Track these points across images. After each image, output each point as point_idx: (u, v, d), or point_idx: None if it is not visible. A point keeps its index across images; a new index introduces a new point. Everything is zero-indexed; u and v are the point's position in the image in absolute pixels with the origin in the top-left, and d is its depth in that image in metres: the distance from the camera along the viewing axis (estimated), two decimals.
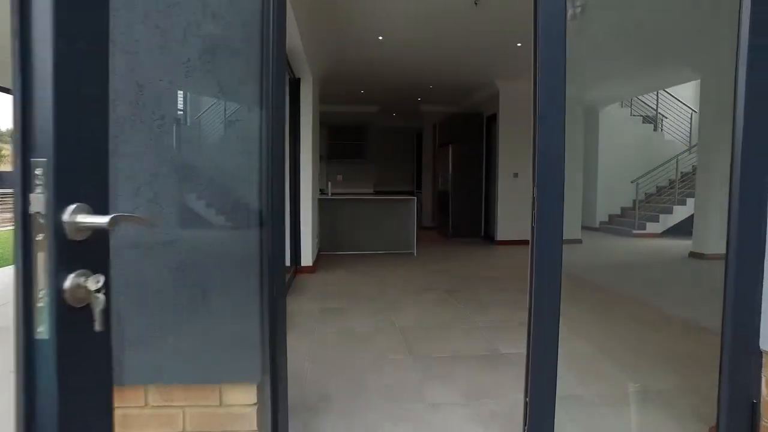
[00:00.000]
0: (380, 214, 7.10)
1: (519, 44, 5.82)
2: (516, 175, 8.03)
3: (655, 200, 9.98)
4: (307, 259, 5.59)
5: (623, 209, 10.44)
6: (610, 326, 3.62)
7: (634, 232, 9.17)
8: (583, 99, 8.18)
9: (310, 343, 3.16)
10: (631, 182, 9.62)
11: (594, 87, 8.09)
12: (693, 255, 6.76)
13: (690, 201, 9.16)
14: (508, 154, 7.99)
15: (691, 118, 10.66)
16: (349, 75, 7.55)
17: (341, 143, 10.14)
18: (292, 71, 5.13)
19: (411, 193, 12.78)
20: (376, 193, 12.01)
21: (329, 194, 7.05)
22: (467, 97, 9.35)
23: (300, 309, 4.03)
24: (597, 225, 10.26)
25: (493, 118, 8.36)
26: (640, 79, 7.67)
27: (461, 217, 8.87)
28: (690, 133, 10.63)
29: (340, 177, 10.54)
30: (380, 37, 5.63)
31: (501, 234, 8.04)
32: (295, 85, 5.40)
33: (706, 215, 6.42)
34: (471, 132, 8.82)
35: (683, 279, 5.54)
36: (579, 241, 8.22)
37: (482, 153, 8.86)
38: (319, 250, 6.84)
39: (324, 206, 7.00)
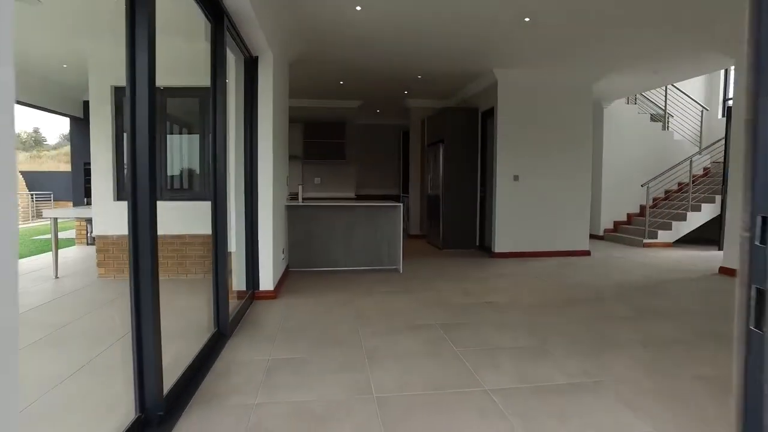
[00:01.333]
0: (361, 223, 6.04)
1: (527, 19, 4.80)
2: (516, 177, 7.02)
3: (665, 205, 9.06)
4: (267, 281, 4.49)
5: (629, 215, 9.51)
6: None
7: (645, 241, 8.24)
8: (590, 88, 7.21)
9: None
10: (642, 186, 8.68)
11: (608, 75, 7.12)
12: (724, 271, 5.81)
13: (706, 207, 8.26)
14: (508, 154, 6.98)
15: (701, 116, 9.78)
16: (325, 60, 6.47)
17: (319, 142, 9.06)
18: (244, 47, 4.04)
19: (397, 198, 11.76)
20: (359, 197, 10.94)
21: (300, 200, 5.96)
22: (460, 89, 8.33)
23: (242, 359, 2.94)
24: (601, 233, 9.31)
25: (489, 113, 7.35)
26: (672, 66, 6.71)
27: (453, 225, 7.84)
28: (701, 132, 9.75)
29: (317, 180, 9.46)
30: (358, 7, 4.57)
31: (499, 245, 7.03)
32: (251, 65, 4.31)
33: None
34: (464, 129, 7.81)
35: (726, 301, 4.57)
36: (587, 253, 7.24)
37: (477, 153, 7.84)
38: (288, 267, 5.74)
39: (294, 215, 5.92)
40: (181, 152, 5.46)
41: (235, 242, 4.36)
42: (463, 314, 3.97)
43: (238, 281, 4.43)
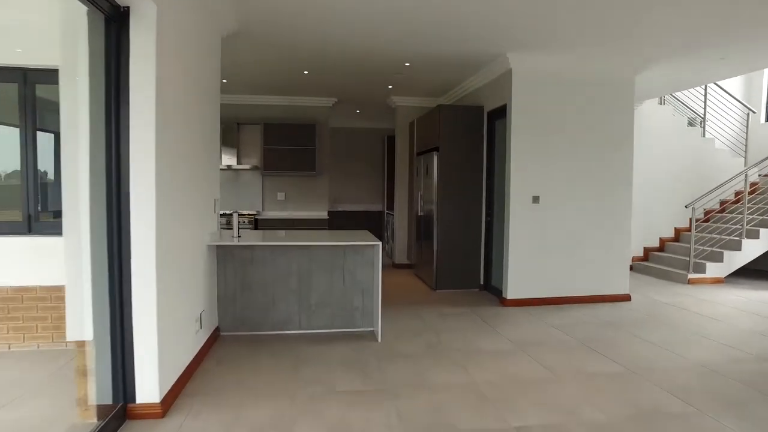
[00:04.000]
0: (324, 267, 4.23)
1: None
2: (536, 199, 5.26)
3: (706, 229, 7.36)
4: (148, 386, 2.64)
5: (662, 240, 7.81)
6: None
7: (690, 276, 6.53)
8: (633, 81, 5.50)
9: None
10: (686, 206, 6.97)
11: (656, 63, 5.40)
12: None
13: (764, 232, 6.58)
14: (525, 168, 5.23)
15: (747, 121, 8.13)
16: (280, 39, 4.67)
17: (283, 149, 7.23)
18: None
19: (380, 215, 9.97)
20: (333, 215, 9.13)
21: (235, 234, 4.13)
22: (460, 82, 6.56)
23: None
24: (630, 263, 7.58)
25: (499, 113, 5.60)
26: (747, 50, 4.99)
27: (451, 257, 6.06)
28: (746, 139, 8.10)
29: (281, 195, 7.61)
30: None
31: (513, 289, 5.25)
32: (118, 22, 2.48)
33: None
34: (465, 133, 6.04)
35: None
36: (627, 298, 5.50)
37: (482, 165, 6.08)
38: (218, 330, 3.90)
39: (226, 257, 4.09)
40: None
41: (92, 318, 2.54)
42: None
43: (99, 387, 2.59)
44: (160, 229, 2.60)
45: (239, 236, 4.15)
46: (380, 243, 3.99)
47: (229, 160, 7.24)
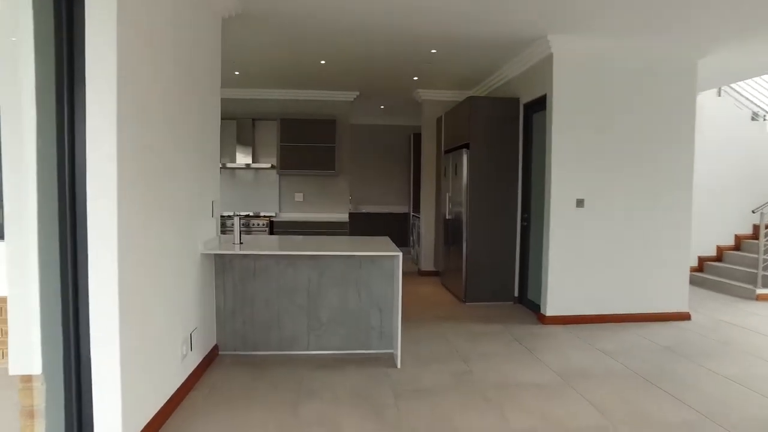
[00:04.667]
0: (336, 280, 3.71)
1: None
2: (581, 202, 4.61)
3: None
4: (110, 427, 2.15)
5: (720, 249, 6.98)
6: None
7: (759, 292, 5.71)
8: (695, 67, 4.78)
9: None
10: (753, 212, 6.15)
11: (725, 45, 4.66)
12: None
13: None
14: (568, 167, 4.58)
15: None
16: (291, 20, 4.17)
17: (300, 147, 6.75)
18: None
19: (405, 217, 9.40)
20: (355, 216, 8.64)
21: (237, 242, 3.64)
22: (493, 71, 5.94)
23: None
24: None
25: (537, 105, 4.96)
26: None
27: (482, 266, 5.45)
28: None
29: (299, 196, 7.14)
30: None
31: (554, 304, 4.60)
32: None
33: None
34: (498, 128, 5.42)
35: None
36: (686, 317, 4.78)
37: (518, 163, 5.44)
38: (215, 349, 3.42)
39: (226, 267, 3.62)
40: None
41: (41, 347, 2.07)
42: None
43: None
44: (125, 237, 2.11)
45: (241, 243, 3.67)
46: (400, 254, 3.43)
47: (243, 158, 6.81)
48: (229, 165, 6.71)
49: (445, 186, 6.34)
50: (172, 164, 2.69)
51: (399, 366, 3.44)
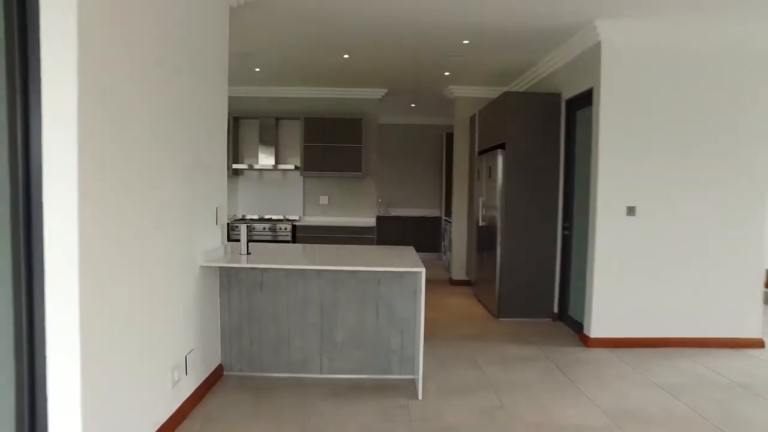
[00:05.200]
0: (352, 297, 3.33)
1: None
2: (632, 210, 4.06)
3: None
4: None
5: None
6: None
7: None
8: None
9: None
10: None
11: None
12: None
13: None
14: (617, 171, 4.04)
15: None
16: (311, 8, 3.83)
17: (325, 147, 6.42)
18: None
19: (436, 223, 8.95)
20: (383, 220, 8.27)
21: (243, 251, 3.32)
22: (531, 64, 5.43)
23: None
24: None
25: (581, 101, 4.44)
26: None
27: (517, 278, 4.95)
28: None
29: (324, 199, 6.82)
30: None
31: (599, 323, 4.07)
32: None
33: None
34: (537, 127, 4.92)
35: None
36: (760, 344, 4.15)
37: (558, 165, 4.92)
38: (220, 369, 3.10)
39: (231, 281, 3.30)
40: None
41: None
42: None
43: None
44: (88, 253, 1.78)
45: (249, 253, 3.34)
46: (423, 270, 3.01)
47: (266, 159, 6.53)
48: (251, 166, 6.45)
49: (479, 190, 5.86)
50: (159, 167, 2.36)
51: (420, 396, 3.02)
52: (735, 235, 4.11)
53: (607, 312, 4.07)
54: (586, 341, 4.12)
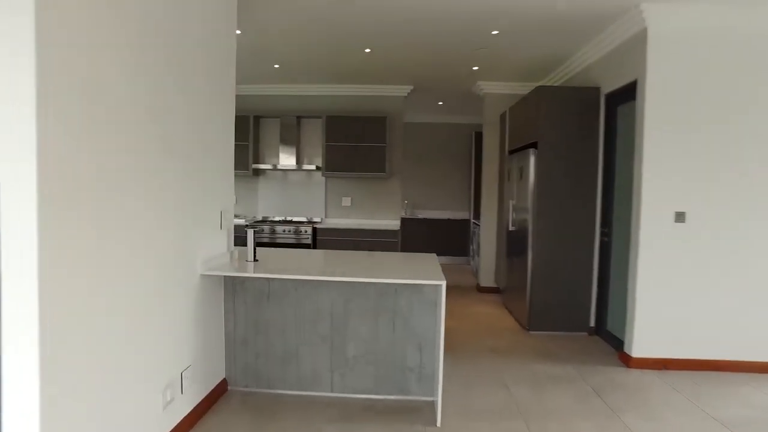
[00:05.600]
0: (366, 310, 3.05)
1: None
2: (681, 216, 3.63)
3: None
4: None
5: None
6: None
7: None
8: None
9: None
10: None
11: None
12: None
13: None
14: (664, 171, 3.62)
15: None
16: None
17: (348, 147, 6.17)
18: None
19: (464, 225, 8.59)
20: (410, 223, 7.98)
21: (249, 258, 3.09)
22: (567, 56, 5.04)
23: None
24: None
25: (623, 96, 4.03)
26: None
27: (549, 288, 4.58)
28: None
29: (347, 201, 6.57)
30: None
31: (643, 341, 3.66)
32: None
33: None
34: (573, 124, 4.53)
35: None
36: None
37: (597, 166, 4.52)
38: (224, 383, 2.87)
39: (236, 291, 3.08)
40: None
41: None
42: None
43: None
44: (52, 266, 1.57)
45: (256, 260, 3.11)
46: (443, 282, 2.70)
47: (286, 159, 6.33)
48: (275, 167, 6.26)
49: (509, 192, 5.49)
50: (145, 168, 2.14)
51: (439, 423, 2.71)
52: None
53: (652, 329, 3.65)
54: (627, 361, 3.71)
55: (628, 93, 3.92)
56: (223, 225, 3.03)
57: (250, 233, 3.12)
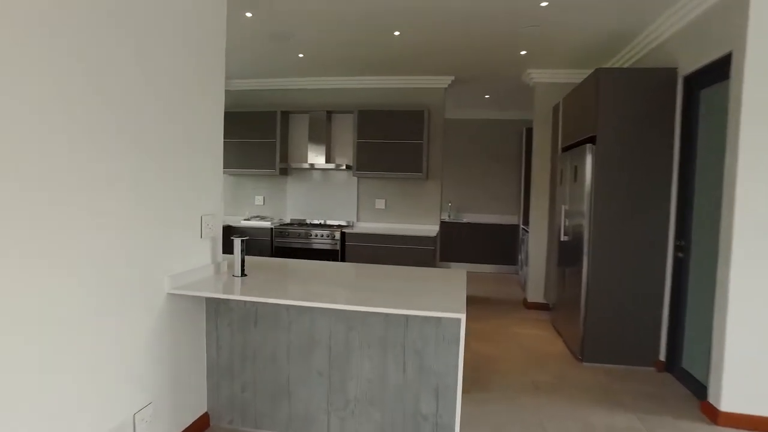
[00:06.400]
0: (372, 344, 2.48)
1: None
2: None
3: None
4: None
5: None
6: None
7: None
8: None
9: None
10: None
11: None
12: None
13: None
14: (766, 173, 2.80)
15: None
16: None
17: (380, 144, 5.62)
18: None
19: (513, 231, 7.82)
20: (452, 228, 7.35)
21: (236, 272, 2.59)
22: (634, 34, 4.24)
23: None
24: None
25: (707, 77, 3.22)
26: None
27: (609, 308, 3.81)
28: None
29: (380, 203, 6.02)
30: None
31: (735, 391, 2.85)
32: None
33: None
34: (640, 113, 3.73)
35: None
36: None
37: (671, 164, 3.70)
38: (203, 421, 2.42)
39: (220, 315, 2.61)
40: None
41: None
42: None
43: None
44: None
45: (244, 275, 2.62)
46: (463, 316, 2.08)
47: (316, 158, 5.86)
48: (311, 165, 5.80)
49: (561, 195, 4.74)
50: (86, 167, 1.68)
51: None
52: None
53: (748, 375, 2.84)
54: (713, 416, 2.91)
55: (717, 72, 3.11)
56: (205, 233, 2.56)
57: (237, 243, 2.62)
